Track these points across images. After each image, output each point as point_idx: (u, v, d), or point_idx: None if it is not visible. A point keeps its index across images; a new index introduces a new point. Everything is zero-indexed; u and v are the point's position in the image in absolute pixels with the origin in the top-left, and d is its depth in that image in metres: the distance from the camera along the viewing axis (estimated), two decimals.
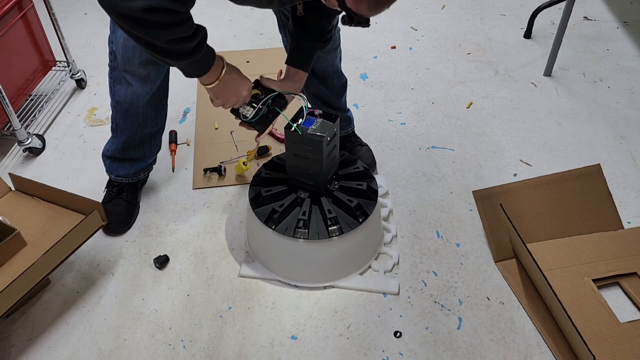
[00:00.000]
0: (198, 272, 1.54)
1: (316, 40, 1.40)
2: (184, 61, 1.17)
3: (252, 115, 1.36)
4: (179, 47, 1.12)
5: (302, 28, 1.38)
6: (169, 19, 1.06)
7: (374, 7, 1.03)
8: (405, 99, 2.15)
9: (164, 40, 1.09)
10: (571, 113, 2.07)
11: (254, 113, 1.36)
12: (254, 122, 1.38)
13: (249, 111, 1.36)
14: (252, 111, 1.36)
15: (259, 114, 1.36)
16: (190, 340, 1.38)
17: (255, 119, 1.36)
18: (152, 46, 1.12)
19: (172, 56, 1.15)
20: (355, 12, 1.05)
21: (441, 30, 2.56)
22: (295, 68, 1.42)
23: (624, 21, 2.59)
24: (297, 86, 1.43)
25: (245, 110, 1.36)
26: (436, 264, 1.55)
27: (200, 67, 1.22)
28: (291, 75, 1.43)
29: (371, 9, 1.03)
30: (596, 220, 1.56)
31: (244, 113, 1.37)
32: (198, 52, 1.17)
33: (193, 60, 1.18)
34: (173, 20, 1.07)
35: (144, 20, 1.04)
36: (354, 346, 1.36)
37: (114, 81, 1.51)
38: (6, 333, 1.40)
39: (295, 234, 1.40)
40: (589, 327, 1.31)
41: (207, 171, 1.82)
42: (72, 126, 2.07)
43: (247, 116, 1.37)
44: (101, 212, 1.41)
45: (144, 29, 1.07)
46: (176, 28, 1.08)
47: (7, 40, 1.86)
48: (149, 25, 1.05)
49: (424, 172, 1.83)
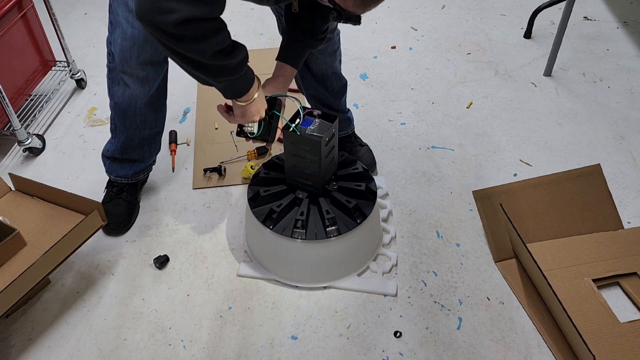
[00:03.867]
0: (198, 272, 1.54)
1: (309, 37, 1.38)
2: (227, 78, 1.18)
3: (257, 129, 1.38)
4: (222, 63, 1.12)
5: (295, 25, 1.38)
6: (205, 28, 1.05)
7: (361, 4, 1.02)
8: (405, 99, 2.15)
9: (208, 54, 1.08)
10: (571, 113, 2.07)
11: (257, 127, 1.38)
12: (261, 135, 1.40)
13: (253, 127, 1.39)
14: (255, 126, 1.38)
15: (262, 126, 1.38)
16: (190, 340, 1.38)
17: (260, 131, 1.39)
18: (197, 64, 1.11)
19: (216, 73, 1.15)
20: (342, 7, 1.04)
21: (441, 30, 2.56)
22: (283, 63, 1.41)
23: (624, 21, 2.59)
24: (284, 82, 1.41)
25: (250, 127, 1.39)
26: (436, 264, 1.55)
27: (242, 86, 1.24)
28: (278, 71, 1.42)
29: (357, 5, 1.02)
30: (596, 220, 1.56)
31: (250, 130, 1.39)
32: (240, 70, 1.18)
33: (236, 78, 1.19)
34: (209, 28, 1.06)
35: (181, 36, 1.04)
36: (354, 346, 1.36)
37: (112, 82, 1.51)
38: (6, 333, 1.40)
39: (293, 234, 1.40)
40: (589, 327, 1.31)
41: (207, 171, 1.82)
42: (72, 126, 2.07)
43: (253, 132, 1.39)
44: (101, 212, 1.41)
45: (185, 44, 1.06)
46: (215, 37, 1.07)
47: (7, 40, 1.86)
48: (188, 39, 1.05)
49: (424, 172, 1.83)
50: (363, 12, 1.05)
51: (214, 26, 1.07)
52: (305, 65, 1.60)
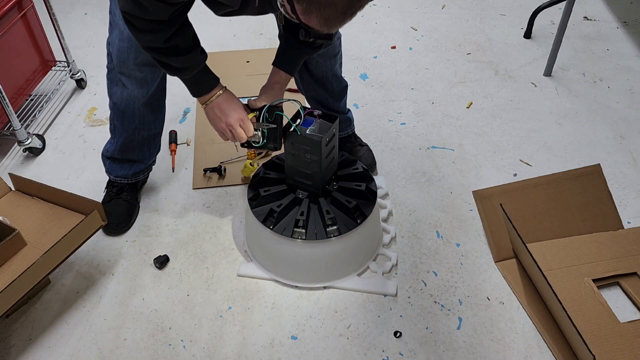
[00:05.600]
0: (198, 272, 1.54)
1: (306, 45, 1.38)
2: (174, 73, 1.29)
3: (261, 139, 1.39)
4: (158, 57, 1.25)
5: (292, 32, 1.37)
6: (141, 23, 1.18)
7: (325, 23, 0.99)
8: (405, 99, 2.15)
9: (143, 45, 1.25)
10: (571, 113, 2.07)
11: (260, 136, 1.39)
12: (266, 144, 1.40)
13: (257, 137, 1.39)
14: (258, 135, 1.39)
15: (265, 134, 1.39)
16: (190, 340, 1.38)
17: (264, 140, 1.40)
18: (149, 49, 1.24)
19: (162, 65, 1.29)
20: (308, 26, 1.02)
21: (441, 30, 2.56)
22: (279, 69, 1.43)
23: (624, 21, 2.59)
24: (280, 89, 1.44)
25: (255, 138, 1.40)
26: (436, 264, 1.55)
27: (196, 88, 1.34)
28: (273, 77, 1.43)
29: (322, 24, 0.99)
30: (596, 220, 1.56)
31: (254, 140, 1.40)
32: (184, 73, 1.29)
33: (188, 78, 1.31)
34: (145, 24, 1.18)
35: (127, 22, 1.20)
36: (354, 346, 1.36)
37: (110, 83, 1.51)
38: (6, 333, 1.40)
39: (293, 234, 1.40)
40: (589, 327, 1.31)
41: (207, 171, 1.82)
42: (72, 126, 2.07)
43: (256, 141, 1.40)
44: (101, 212, 1.41)
45: (131, 29, 1.22)
46: (148, 35, 1.21)
47: (7, 40, 1.86)
48: (130, 26, 1.21)
49: (424, 172, 1.83)
50: (329, 31, 1.02)
51: (151, 27, 1.18)
52: (305, 67, 1.60)
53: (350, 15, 0.98)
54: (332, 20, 0.98)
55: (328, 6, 0.94)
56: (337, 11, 0.95)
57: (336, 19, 0.98)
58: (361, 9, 0.99)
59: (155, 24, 1.18)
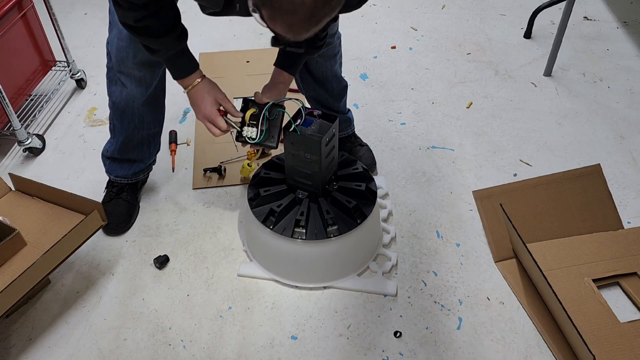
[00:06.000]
0: (198, 272, 1.54)
1: (306, 45, 1.38)
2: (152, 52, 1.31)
3: (257, 135, 1.39)
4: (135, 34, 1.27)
5: None
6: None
7: (289, 30, 0.97)
8: (405, 99, 2.15)
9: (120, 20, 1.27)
10: (571, 113, 2.07)
11: (257, 132, 1.38)
12: (262, 141, 1.40)
13: (252, 132, 1.39)
14: (255, 131, 1.38)
15: (263, 132, 1.38)
16: (190, 340, 1.38)
17: (261, 137, 1.39)
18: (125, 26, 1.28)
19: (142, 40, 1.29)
20: (275, 32, 1.01)
21: (441, 30, 2.56)
22: (281, 70, 1.43)
23: (624, 21, 2.59)
24: (284, 89, 1.44)
25: (249, 132, 1.39)
26: (436, 264, 1.55)
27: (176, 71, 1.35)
28: (276, 78, 1.44)
29: (286, 31, 0.97)
30: (596, 220, 1.56)
31: (249, 135, 1.40)
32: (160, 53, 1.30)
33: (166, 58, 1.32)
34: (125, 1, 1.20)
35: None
36: (354, 346, 1.36)
37: (109, 82, 1.51)
38: (6, 333, 1.40)
39: (293, 234, 1.40)
40: (589, 327, 1.31)
41: (207, 171, 1.82)
42: (72, 126, 2.07)
43: (252, 137, 1.39)
44: (101, 212, 1.41)
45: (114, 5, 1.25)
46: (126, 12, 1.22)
47: (7, 40, 1.86)
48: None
49: (424, 172, 1.83)
50: (296, 39, 1.00)
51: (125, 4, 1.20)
52: (305, 67, 1.61)
53: (316, 23, 0.96)
54: (296, 27, 0.96)
55: (290, 13, 0.92)
56: (300, 19, 0.93)
57: (300, 27, 0.96)
58: (329, 17, 0.96)
59: (129, 3, 1.19)
